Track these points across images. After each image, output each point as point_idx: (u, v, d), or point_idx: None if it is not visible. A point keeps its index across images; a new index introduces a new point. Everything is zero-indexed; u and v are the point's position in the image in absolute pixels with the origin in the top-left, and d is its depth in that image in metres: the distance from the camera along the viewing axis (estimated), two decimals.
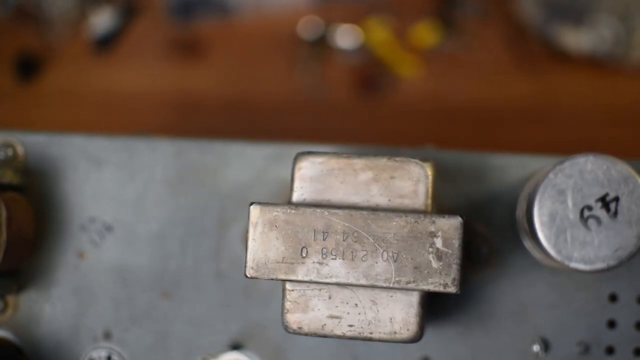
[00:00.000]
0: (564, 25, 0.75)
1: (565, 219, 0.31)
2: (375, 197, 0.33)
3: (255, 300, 0.40)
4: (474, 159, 0.40)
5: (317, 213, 0.32)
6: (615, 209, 0.31)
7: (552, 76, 0.77)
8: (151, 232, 0.41)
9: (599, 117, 0.75)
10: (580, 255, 0.31)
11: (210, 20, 0.82)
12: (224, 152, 0.41)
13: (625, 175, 0.31)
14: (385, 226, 0.31)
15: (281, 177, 0.41)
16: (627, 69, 0.76)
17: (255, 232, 0.32)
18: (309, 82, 0.78)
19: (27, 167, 0.42)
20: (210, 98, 0.79)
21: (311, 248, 0.32)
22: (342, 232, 0.32)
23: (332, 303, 0.32)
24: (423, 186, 0.33)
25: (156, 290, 0.41)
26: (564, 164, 0.32)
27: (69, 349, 0.41)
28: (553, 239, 0.31)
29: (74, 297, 0.41)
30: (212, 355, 0.40)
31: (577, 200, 0.31)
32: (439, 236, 0.31)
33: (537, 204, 0.31)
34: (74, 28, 0.83)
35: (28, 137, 0.42)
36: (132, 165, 0.42)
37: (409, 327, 0.32)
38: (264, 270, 0.32)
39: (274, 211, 0.32)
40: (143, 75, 0.80)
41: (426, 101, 0.77)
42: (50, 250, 0.41)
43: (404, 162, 0.33)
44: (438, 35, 0.79)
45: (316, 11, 0.81)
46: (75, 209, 0.41)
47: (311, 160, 0.33)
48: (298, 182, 0.33)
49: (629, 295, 0.38)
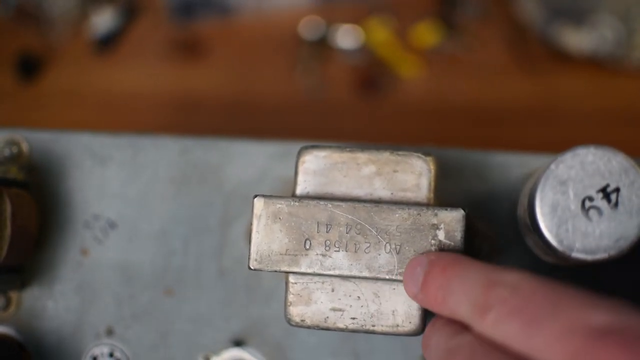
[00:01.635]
0: (564, 25, 0.75)
1: (566, 210, 0.31)
2: (378, 190, 0.33)
3: (257, 297, 0.40)
4: (475, 157, 0.40)
5: (320, 206, 0.32)
6: (616, 199, 0.31)
7: (553, 76, 0.77)
8: (154, 230, 0.41)
9: (600, 117, 0.75)
10: (581, 246, 0.31)
11: (211, 21, 0.82)
12: (228, 150, 0.41)
13: (626, 167, 0.31)
14: (388, 218, 0.31)
15: (284, 174, 0.41)
16: (627, 69, 0.76)
17: (259, 225, 0.32)
18: (309, 82, 0.79)
19: (32, 164, 0.42)
20: (211, 98, 0.79)
21: (314, 240, 0.32)
22: (345, 225, 0.32)
23: (335, 296, 0.32)
24: (425, 179, 0.33)
25: (159, 288, 0.41)
26: (565, 155, 0.32)
27: (71, 346, 0.41)
28: (555, 229, 0.31)
29: (76, 294, 0.41)
30: (214, 352, 0.40)
31: (579, 191, 0.31)
32: (442, 228, 0.31)
33: (539, 195, 0.32)
34: (75, 28, 0.83)
35: (33, 134, 0.42)
36: (136, 163, 0.42)
37: (411, 320, 0.32)
38: (268, 262, 0.32)
39: (278, 204, 0.32)
40: (144, 75, 0.81)
41: (427, 101, 0.77)
42: (54, 247, 0.41)
43: (407, 156, 0.33)
44: (439, 35, 0.79)
45: (317, 11, 0.81)
46: (79, 206, 0.42)
47: (315, 154, 0.34)
48: (302, 176, 0.34)
49: (630, 291, 0.38)
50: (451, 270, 0.28)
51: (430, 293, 0.29)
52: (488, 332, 0.25)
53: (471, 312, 0.26)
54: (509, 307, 0.24)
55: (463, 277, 0.27)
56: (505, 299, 0.24)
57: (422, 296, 0.29)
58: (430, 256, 0.30)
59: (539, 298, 0.24)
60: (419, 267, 0.30)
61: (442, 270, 0.28)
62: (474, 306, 0.25)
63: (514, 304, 0.24)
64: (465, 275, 0.27)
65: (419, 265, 0.30)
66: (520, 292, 0.24)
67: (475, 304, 0.25)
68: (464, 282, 0.27)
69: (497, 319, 0.24)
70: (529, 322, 0.23)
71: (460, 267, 0.28)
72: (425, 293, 0.29)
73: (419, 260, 0.30)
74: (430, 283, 0.29)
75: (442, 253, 0.30)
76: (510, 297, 0.24)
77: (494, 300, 0.25)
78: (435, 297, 0.28)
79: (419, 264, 0.30)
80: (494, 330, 0.24)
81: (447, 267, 0.28)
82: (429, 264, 0.29)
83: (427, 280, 0.29)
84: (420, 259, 0.30)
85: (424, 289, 0.29)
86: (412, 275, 0.30)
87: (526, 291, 0.24)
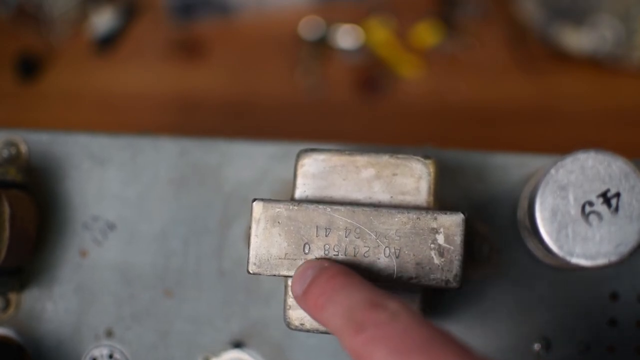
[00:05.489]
0: (564, 25, 0.75)
1: (566, 215, 0.31)
2: (378, 193, 0.33)
3: (256, 298, 0.40)
4: (475, 158, 0.40)
5: (319, 209, 0.32)
6: (616, 204, 0.31)
7: (553, 76, 0.77)
8: (154, 231, 0.41)
9: (600, 117, 0.75)
10: (581, 251, 0.31)
11: (211, 21, 0.82)
12: (227, 151, 0.41)
13: (626, 171, 0.31)
14: (388, 222, 0.31)
15: (284, 176, 0.41)
16: (627, 69, 0.76)
17: (257, 229, 0.32)
18: (309, 82, 0.78)
19: (31, 166, 0.42)
20: (211, 98, 0.79)
21: (314, 244, 0.32)
22: (344, 229, 0.32)
23: None
24: (425, 183, 0.33)
25: (158, 289, 0.41)
26: (565, 160, 0.32)
27: (71, 347, 0.41)
28: (554, 234, 0.31)
29: (76, 296, 0.41)
30: (213, 353, 0.40)
31: (579, 195, 0.31)
32: (441, 232, 0.31)
33: (539, 199, 0.32)
34: (75, 28, 0.83)
35: (31, 135, 0.42)
36: (135, 164, 0.42)
37: None
38: (267, 266, 0.32)
39: (277, 207, 0.32)
40: (144, 76, 0.80)
41: (427, 101, 0.77)
42: (53, 249, 0.41)
43: (406, 160, 0.33)
44: (439, 35, 0.79)
45: (317, 11, 0.81)
46: (78, 208, 0.42)
47: (314, 157, 0.33)
48: (300, 179, 0.33)
49: (630, 294, 0.38)
50: (338, 281, 0.28)
51: (311, 297, 0.29)
52: (356, 349, 0.25)
53: (345, 326, 0.26)
54: (383, 332, 0.25)
55: (348, 292, 0.28)
56: (382, 323, 0.25)
57: (303, 299, 0.30)
58: (324, 263, 0.30)
59: (416, 332, 0.24)
60: (310, 269, 0.30)
61: (330, 279, 0.29)
62: (349, 321, 0.26)
63: (390, 331, 0.25)
64: (350, 290, 0.28)
65: (311, 268, 0.30)
66: (400, 320, 0.25)
67: (351, 319, 0.26)
68: (348, 297, 0.27)
69: (369, 340, 0.25)
70: (397, 352, 0.24)
71: (349, 282, 0.28)
72: (307, 296, 0.30)
73: (313, 263, 0.31)
74: (315, 288, 0.29)
75: (337, 264, 0.30)
76: (387, 323, 0.25)
77: (371, 322, 0.25)
78: (315, 303, 0.29)
79: (311, 267, 0.30)
80: (363, 349, 0.25)
81: (336, 277, 0.29)
82: (320, 269, 0.30)
83: (313, 284, 0.29)
84: (314, 264, 0.31)
85: (307, 292, 0.30)
86: (302, 276, 0.30)
87: (405, 322, 0.25)
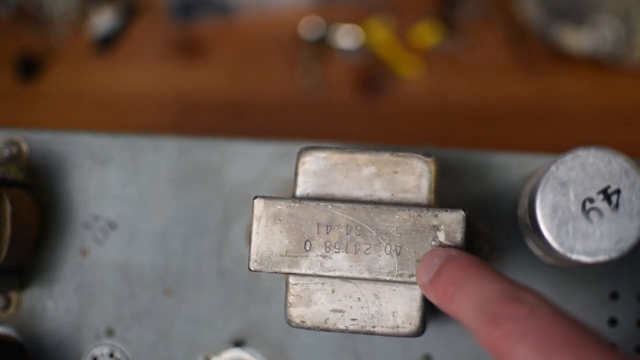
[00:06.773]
0: (564, 25, 0.75)
1: (567, 211, 0.31)
2: (379, 191, 0.33)
3: (257, 298, 0.40)
4: (475, 158, 0.40)
5: (320, 207, 0.32)
6: (616, 201, 0.31)
7: (553, 76, 0.77)
8: (154, 230, 0.41)
9: (600, 117, 0.75)
10: (582, 247, 0.31)
11: (211, 21, 0.82)
12: (228, 150, 0.41)
13: (626, 168, 0.31)
14: (388, 220, 0.31)
15: (284, 175, 0.41)
16: (627, 69, 0.76)
17: (259, 226, 0.32)
18: (309, 82, 0.79)
19: (32, 165, 0.42)
20: (211, 98, 0.79)
21: (315, 241, 0.32)
22: (345, 226, 0.32)
23: (335, 297, 0.32)
24: (426, 181, 0.33)
25: (159, 288, 0.41)
26: (565, 157, 0.32)
27: (71, 346, 0.41)
28: (555, 231, 0.31)
29: (76, 295, 0.41)
30: (214, 352, 0.40)
31: (579, 192, 0.31)
32: (442, 230, 0.31)
33: (539, 196, 0.32)
34: (75, 28, 0.83)
35: (33, 134, 0.42)
36: (136, 163, 0.42)
37: (412, 321, 0.32)
38: (268, 263, 0.32)
39: (278, 205, 0.32)
40: (144, 75, 0.81)
41: (427, 101, 0.77)
42: (54, 248, 0.41)
43: (407, 157, 0.33)
44: (439, 35, 0.79)
45: (317, 11, 0.81)
46: (79, 207, 0.42)
47: (315, 155, 0.34)
48: (302, 177, 0.34)
49: (630, 293, 0.38)
50: (470, 270, 0.27)
51: (440, 286, 0.28)
52: (494, 344, 0.24)
53: (479, 318, 0.25)
54: (523, 327, 0.23)
55: (481, 281, 0.26)
56: (520, 318, 0.24)
57: (431, 287, 0.29)
58: (451, 251, 0.29)
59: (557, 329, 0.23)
60: (437, 257, 0.29)
61: (460, 267, 0.28)
62: (483, 312, 0.25)
63: (530, 327, 0.23)
64: (483, 280, 0.26)
65: (437, 256, 0.29)
66: (539, 316, 0.24)
67: (486, 312, 0.25)
68: (480, 286, 0.26)
69: (508, 335, 0.24)
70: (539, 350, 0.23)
71: (481, 271, 0.27)
72: (435, 285, 0.28)
73: (438, 252, 0.30)
74: (445, 276, 0.28)
75: (465, 253, 0.29)
76: (527, 318, 0.24)
77: (508, 315, 0.24)
78: (444, 291, 0.28)
79: (437, 255, 0.29)
80: (502, 344, 0.24)
81: (467, 266, 0.28)
82: (447, 258, 0.29)
83: (441, 273, 0.28)
84: (440, 252, 0.30)
85: (435, 280, 0.28)
86: (428, 264, 0.29)
87: (545, 317, 0.24)
